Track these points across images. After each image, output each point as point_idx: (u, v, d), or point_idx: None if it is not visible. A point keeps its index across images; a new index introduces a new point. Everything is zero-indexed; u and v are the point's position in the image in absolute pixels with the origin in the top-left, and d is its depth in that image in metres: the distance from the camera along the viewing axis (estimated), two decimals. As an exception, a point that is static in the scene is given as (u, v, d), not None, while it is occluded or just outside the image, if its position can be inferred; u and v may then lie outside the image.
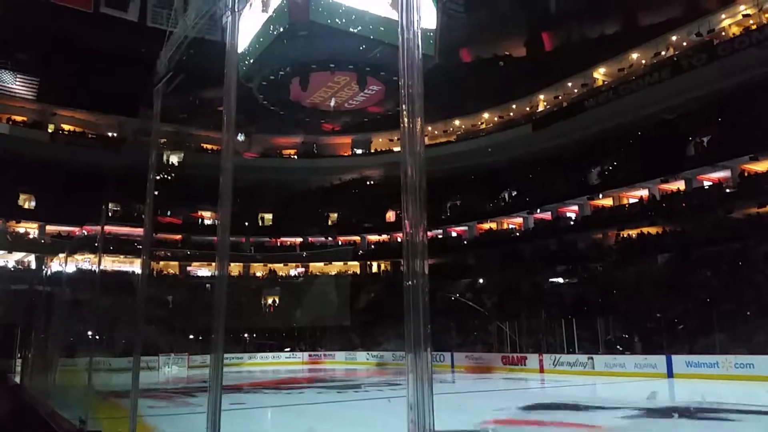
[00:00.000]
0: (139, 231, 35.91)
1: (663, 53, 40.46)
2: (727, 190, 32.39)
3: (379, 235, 52.15)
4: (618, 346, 26.57)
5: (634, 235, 35.46)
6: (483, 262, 43.50)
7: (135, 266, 44.82)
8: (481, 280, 41.92)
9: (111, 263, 45.32)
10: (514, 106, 51.02)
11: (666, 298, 27.43)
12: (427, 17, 18.18)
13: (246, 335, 41.17)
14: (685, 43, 39.16)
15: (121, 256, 45.75)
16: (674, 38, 39.80)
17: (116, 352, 32.03)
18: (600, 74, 44.92)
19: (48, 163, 45.50)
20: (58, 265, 45.89)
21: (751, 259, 27.14)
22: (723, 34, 37.13)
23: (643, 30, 43.35)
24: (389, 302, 38.09)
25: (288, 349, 40.75)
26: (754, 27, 34.84)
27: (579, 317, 28.54)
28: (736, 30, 36.34)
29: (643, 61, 41.64)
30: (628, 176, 37.74)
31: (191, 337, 37.02)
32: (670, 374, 23.04)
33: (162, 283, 44.04)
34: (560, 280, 36.41)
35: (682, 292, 27.39)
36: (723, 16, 37.47)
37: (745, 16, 36.33)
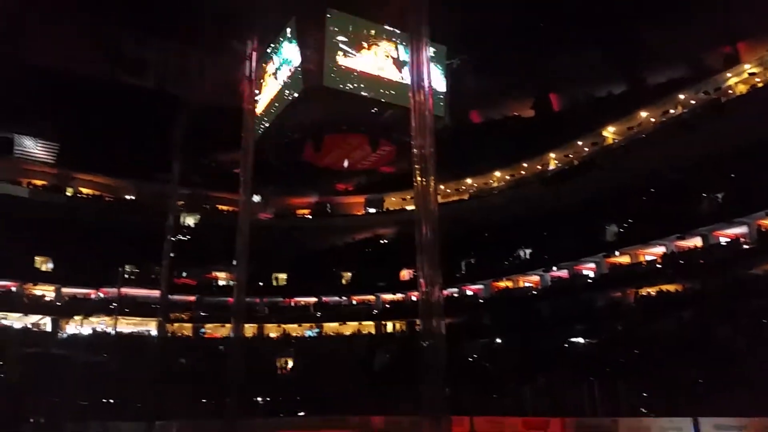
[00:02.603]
0: (155, 293, 36.08)
1: (672, 111, 40.94)
2: (745, 246, 31.99)
3: (394, 294, 51.79)
4: (642, 409, 25.72)
5: (653, 293, 34.92)
6: (501, 322, 42.84)
7: (150, 328, 44.76)
8: (498, 340, 41.18)
9: (125, 325, 45.32)
10: (525, 165, 51.46)
11: (689, 358, 26.70)
12: (437, 81, 18.71)
13: (260, 399, 40.42)
14: (693, 102, 39.65)
15: (137, 318, 45.77)
16: (682, 97, 40.33)
17: (129, 416, 31.55)
18: (609, 133, 45.39)
19: (66, 226, 46.22)
20: (73, 327, 46.31)
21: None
22: (730, 92, 37.60)
23: (651, 89, 44.03)
24: (405, 363, 37.45)
25: (302, 413, 39.85)
26: (760, 85, 35.29)
27: (601, 378, 27.78)
28: (743, 88, 36.80)
29: (653, 119, 42.10)
30: (643, 233, 37.48)
31: (204, 400, 36.41)
32: (697, 437, 22.15)
33: (175, 345, 43.78)
34: (580, 339, 35.68)
35: (706, 351, 26.67)
36: (729, 74, 38.04)
37: (750, 74, 36.87)
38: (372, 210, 58.91)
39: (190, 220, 53.93)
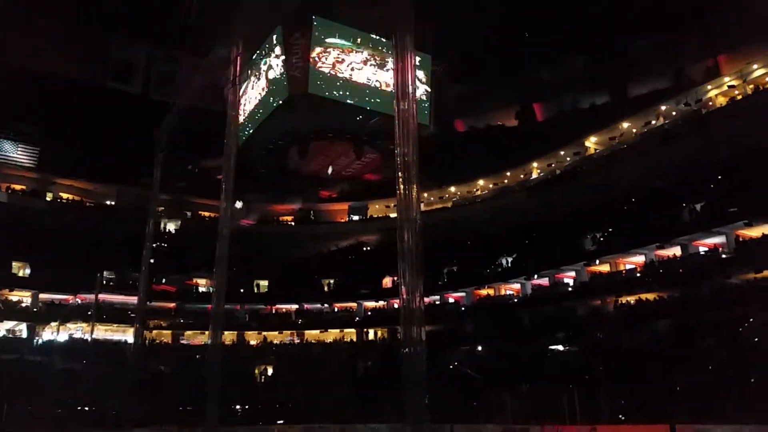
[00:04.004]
0: (134, 299, 35.55)
1: (653, 122, 41.49)
2: (724, 256, 32.43)
3: (376, 301, 51.65)
4: (621, 416, 25.88)
5: (632, 302, 35.24)
6: (482, 329, 42.99)
7: (128, 335, 44.16)
8: (480, 348, 41.27)
9: (104, 332, 44.66)
10: (508, 174, 51.79)
11: (668, 366, 26.96)
12: (422, 89, 18.78)
13: (238, 407, 40.01)
14: (674, 113, 40.22)
15: (114, 325, 45.15)
16: (663, 108, 40.90)
17: (107, 424, 31.07)
18: (592, 143, 45.86)
19: (45, 231, 45.57)
20: (50, 334, 45.51)
21: (751, 326, 26.87)
22: (710, 104, 38.22)
23: (633, 100, 44.62)
24: (387, 371, 37.33)
25: (281, 422, 39.51)
26: (739, 97, 35.92)
27: (580, 386, 27.92)
28: (722, 100, 37.45)
29: (634, 130, 42.63)
30: (623, 242, 37.86)
31: (181, 408, 35.98)
32: (675, 445, 22.33)
33: (154, 352, 43.23)
34: (560, 347, 35.86)
35: (684, 360, 26.95)
36: (709, 87, 38.68)
37: (730, 87, 37.52)
38: (356, 217, 58.85)
39: (171, 226, 53.46)
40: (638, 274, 36.52)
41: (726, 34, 36.83)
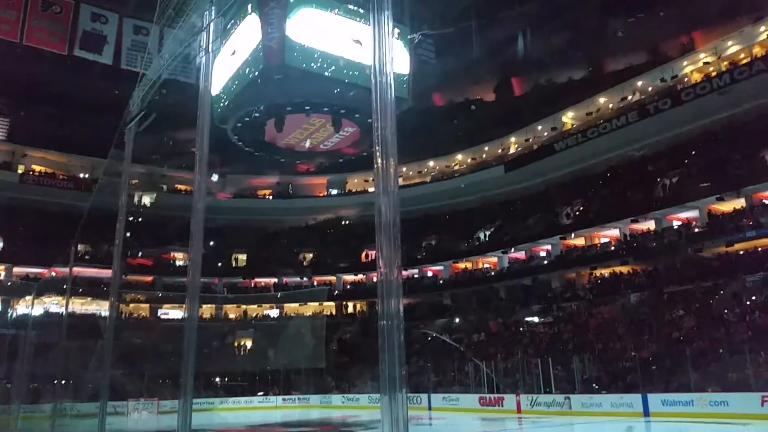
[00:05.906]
0: (109, 272, 35.10)
1: (629, 98, 41.76)
2: (696, 230, 33.09)
3: (355, 275, 51.89)
4: (594, 385, 26.54)
5: (606, 274, 35.88)
6: (459, 302, 43.51)
7: (104, 308, 43.79)
8: (457, 320, 41.82)
9: (79, 305, 44.24)
10: (486, 148, 51.90)
11: (640, 337, 27.63)
12: (400, 62, 18.59)
13: (218, 379, 40.18)
14: (650, 88, 40.51)
15: (90, 299, 44.74)
16: (640, 83, 41.16)
17: (82, 397, 31.01)
18: (568, 118, 46.07)
19: (17, 204, 44.70)
20: (24, 307, 44.84)
21: (721, 298, 27.58)
22: (686, 80, 38.54)
23: (609, 75, 44.78)
24: (365, 343, 37.75)
25: (261, 393, 39.83)
26: (714, 74, 36.28)
27: (555, 356, 28.54)
28: (697, 76, 37.78)
29: (610, 106, 42.88)
30: (598, 216, 38.42)
31: (161, 381, 36.01)
32: (646, 413, 23.02)
33: (131, 325, 43.03)
34: (536, 319, 36.50)
35: (656, 331, 27.64)
36: (685, 63, 38.95)
37: (705, 63, 37.83)
38: (334, 191, 58.64)
39: (146, 199, 52.80)
40: (612, 248, 37.16)
41: (701, 11, 36.96)
